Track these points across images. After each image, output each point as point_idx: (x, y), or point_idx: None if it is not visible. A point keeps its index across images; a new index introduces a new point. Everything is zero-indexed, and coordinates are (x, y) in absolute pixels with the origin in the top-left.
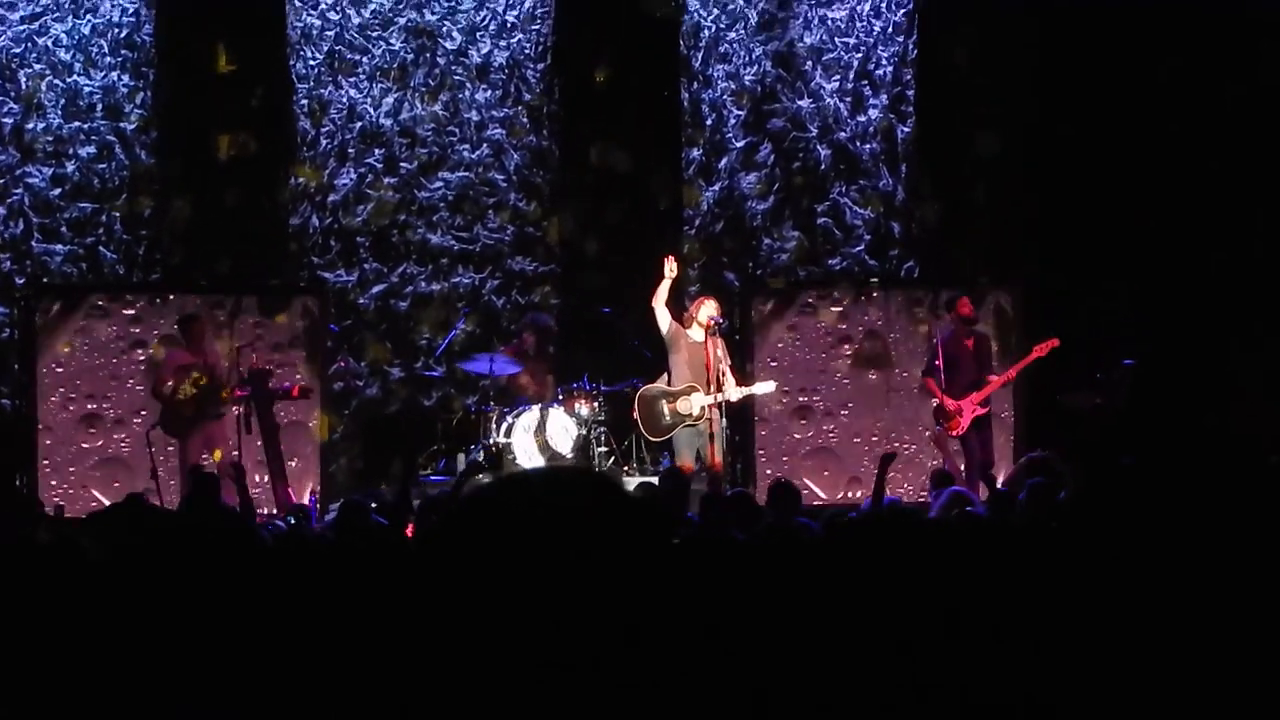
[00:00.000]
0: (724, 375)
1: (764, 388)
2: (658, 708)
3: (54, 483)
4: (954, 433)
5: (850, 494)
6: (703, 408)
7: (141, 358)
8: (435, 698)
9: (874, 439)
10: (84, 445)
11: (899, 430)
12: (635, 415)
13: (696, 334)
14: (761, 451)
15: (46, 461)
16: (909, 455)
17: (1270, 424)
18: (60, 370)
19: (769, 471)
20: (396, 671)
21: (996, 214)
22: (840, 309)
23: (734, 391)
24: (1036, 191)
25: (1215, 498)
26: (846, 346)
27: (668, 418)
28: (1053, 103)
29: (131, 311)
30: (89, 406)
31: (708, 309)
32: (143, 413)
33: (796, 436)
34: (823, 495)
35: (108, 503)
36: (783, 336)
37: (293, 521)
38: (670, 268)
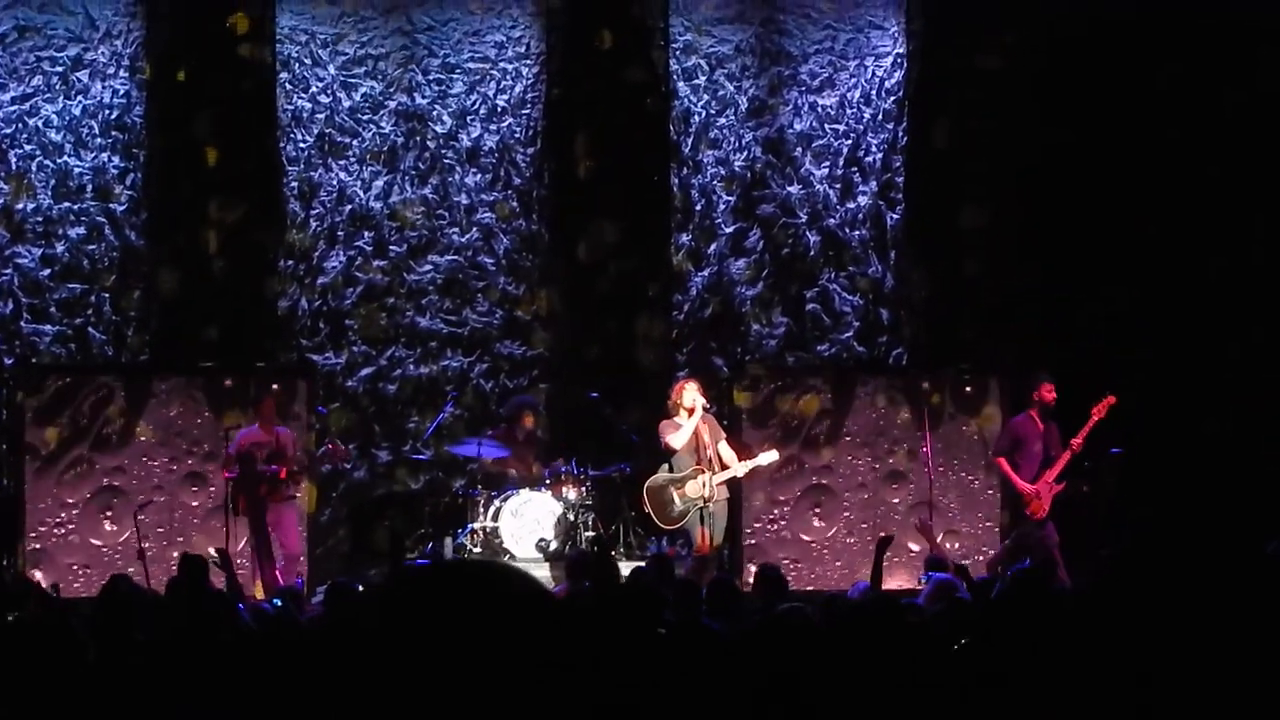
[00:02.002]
0: (718, 455)
1: (768, 458)
2: None
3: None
4: (1037, 516)
5: (950, 544)
6: (712, 488)
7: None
8: None
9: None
10: (192, 503)
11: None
12: (646, 509)
13: (683, 421)
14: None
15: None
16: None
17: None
18: (144, 440)
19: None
20: None
21: (985, 300)
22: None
23: (740, 466)
24: (1028, 277)
25: (1210, 594)
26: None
27: (679, 504)
28: (1045, 185)
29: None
30: (189, 462)
31: (691, 392)
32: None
33: (894, 501)
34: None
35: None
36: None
37: (279, 604)
38: (697, 401)
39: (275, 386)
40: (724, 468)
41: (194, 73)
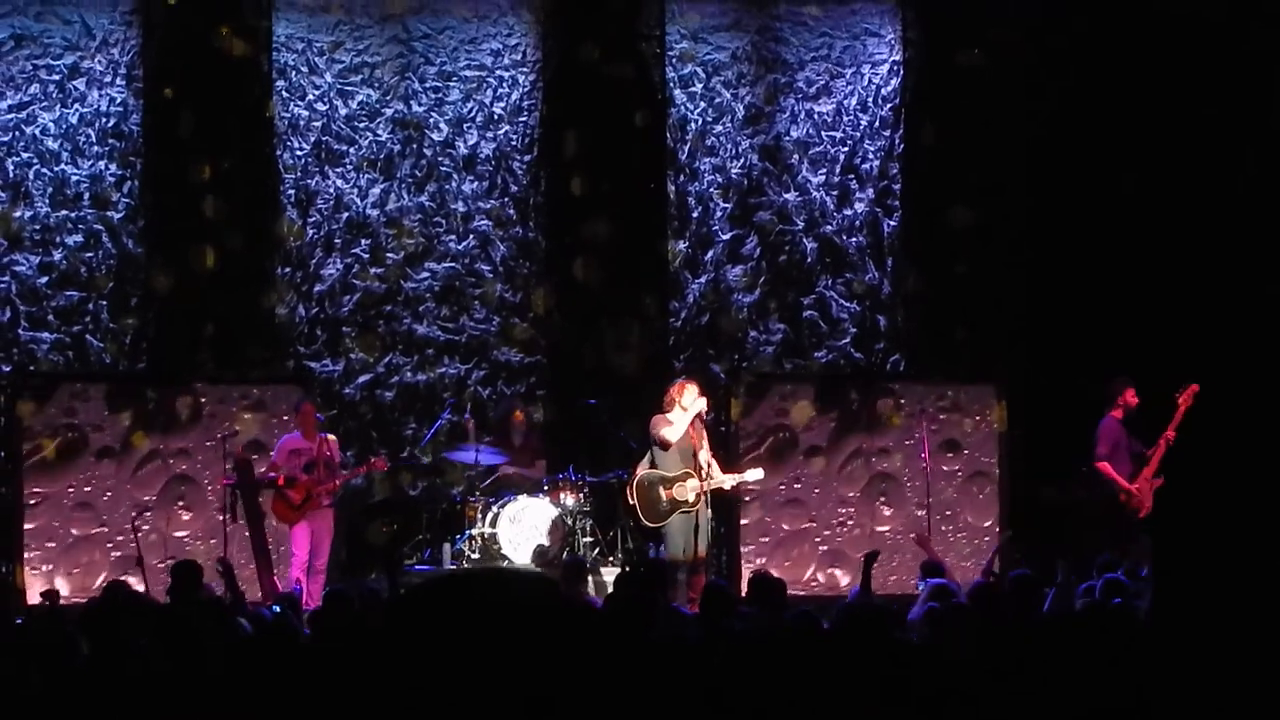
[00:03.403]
0: (708, 464)
1: (754, 475)
2: None
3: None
4: (1142, 514)
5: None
6: (698, 494)
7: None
8: None
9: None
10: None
11: None
12: (632, 501)
13: (678, 418)
14: (746, 545)
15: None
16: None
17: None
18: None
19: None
20: None
21: (982, 306)
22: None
23: (726, 479)
24: (1024, 283)
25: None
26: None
27: (664, 504)
28: (1041, 193)
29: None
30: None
31: (691, 394)
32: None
33: (941, 482)
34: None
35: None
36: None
37: (278, 610)
38: (697, 402)
39: (318, 400)
40: (708, 475)
41: (190, 81)
